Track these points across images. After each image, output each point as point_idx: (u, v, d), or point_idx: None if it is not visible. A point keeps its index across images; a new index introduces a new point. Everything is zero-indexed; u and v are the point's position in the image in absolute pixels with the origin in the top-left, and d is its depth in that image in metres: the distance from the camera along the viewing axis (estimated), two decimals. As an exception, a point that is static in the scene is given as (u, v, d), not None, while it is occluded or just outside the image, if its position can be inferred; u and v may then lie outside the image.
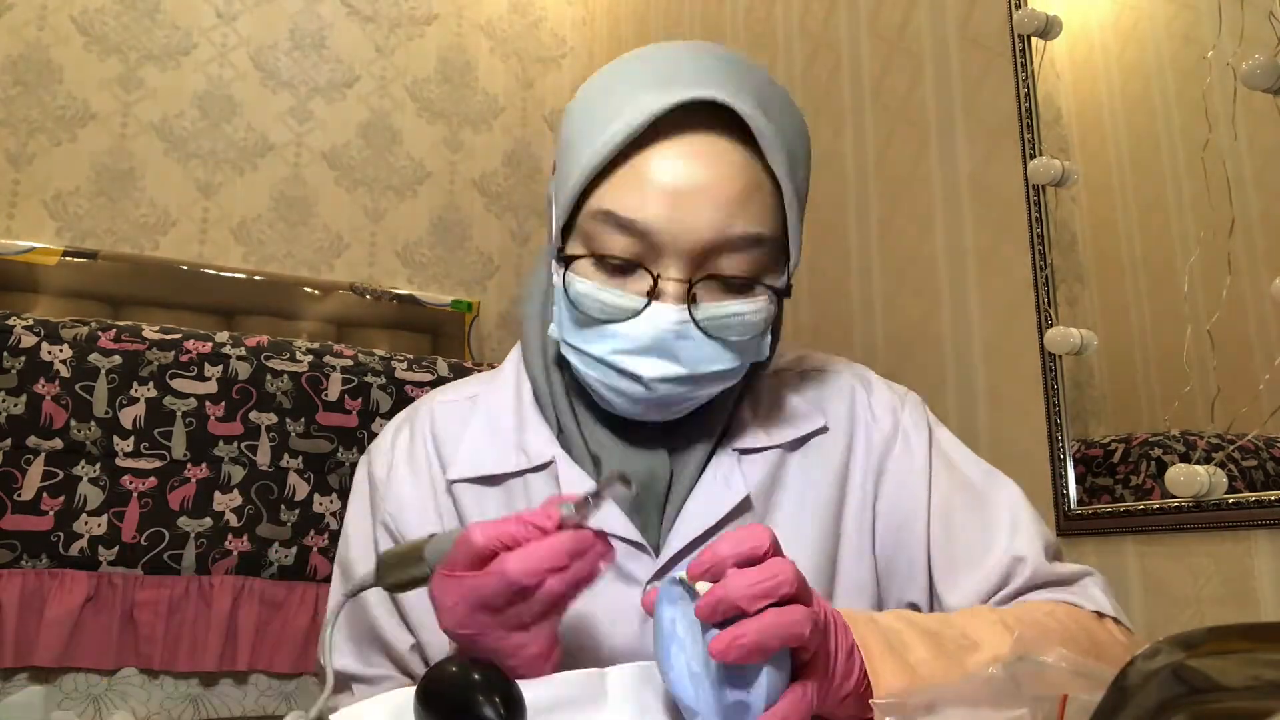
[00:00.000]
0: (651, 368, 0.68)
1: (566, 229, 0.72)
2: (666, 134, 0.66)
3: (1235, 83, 1.22)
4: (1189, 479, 1.22)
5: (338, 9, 3.00)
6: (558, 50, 3.33)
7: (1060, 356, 1.47)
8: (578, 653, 0.71)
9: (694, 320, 0.67)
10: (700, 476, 0.76)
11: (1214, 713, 0.33)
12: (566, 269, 0.70)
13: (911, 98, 1.81)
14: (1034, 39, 1.55)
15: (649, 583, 0.73)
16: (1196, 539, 1.27)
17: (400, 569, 0.63)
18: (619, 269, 0.68)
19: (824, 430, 0.81)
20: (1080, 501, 1.42)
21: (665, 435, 0.77)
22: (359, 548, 0.82)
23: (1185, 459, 1.27)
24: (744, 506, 0.76)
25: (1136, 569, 1.35)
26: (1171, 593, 1.30)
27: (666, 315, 0.67)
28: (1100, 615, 0.75)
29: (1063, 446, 1.45)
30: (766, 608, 0.52)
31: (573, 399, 0.79)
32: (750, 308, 0.69)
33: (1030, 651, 0.48)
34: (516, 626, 0.59)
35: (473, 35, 3.19)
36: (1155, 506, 1.31)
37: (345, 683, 0.80)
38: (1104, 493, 1.39)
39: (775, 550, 0.56)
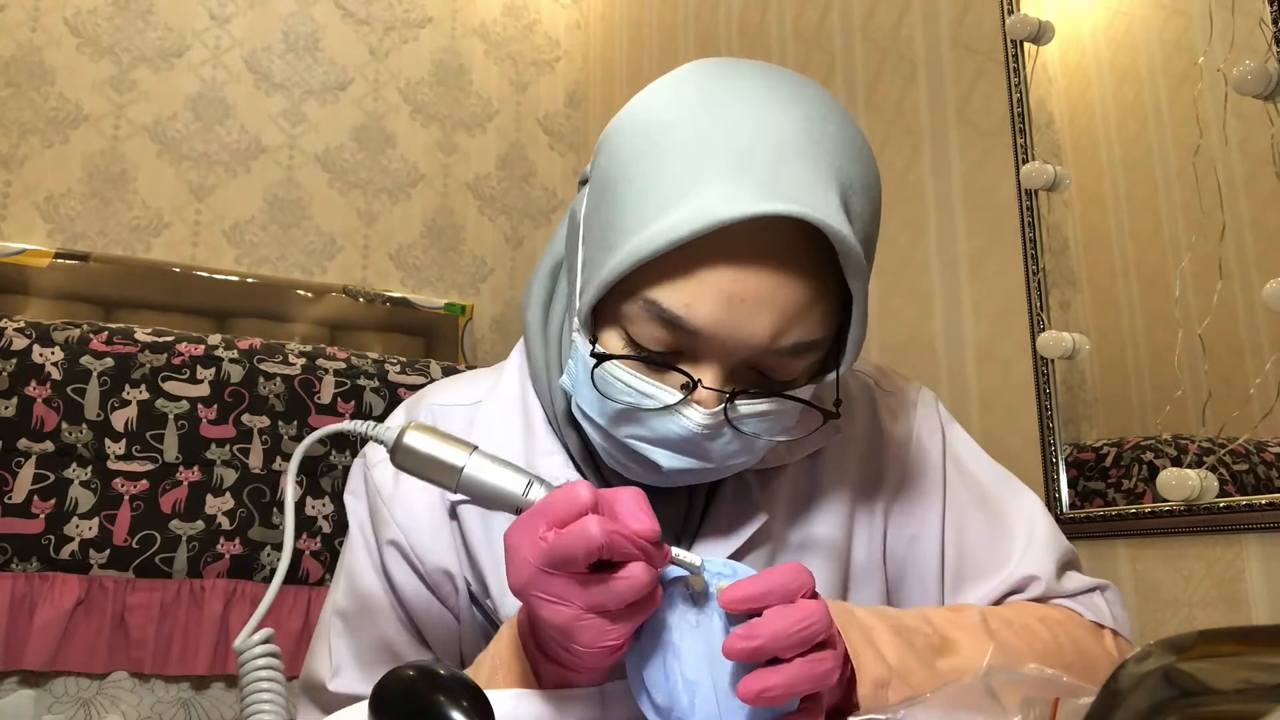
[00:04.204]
0: (672, 461, 0.63)
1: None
2: (729, 227, 0.56)
3: (1226, 88, 1.23)
4: (1180, 483, 1.22)
5: (331, 11, 3.00)
6: (552, 54, 3.33)
7: (1053, 360, 1.47)
8: None
9: (728, 420, 0.61)
10: (716, 501, 0.72)
11: (1205, 716, 0.33)
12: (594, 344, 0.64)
13: (904, 102, 1.81)
14: (1027, 44, 1.56)
15: None
16: (1188, 542, 1.28)
17: (427, 464, 0.58)
18: (654, 356, 0.62)
19: (840, 436, 0.77)
20: (1072, 505, 1.43)
21: None
22: (363, 562, 0.76)
23: (1177, 463, 1.28)
24: (763, 533, 0.72)
25: (1128, 572, 1.35)
26: (1162, 596, 1.30)
27: (699, 418, 0.60)
28: (1100, 626, 0.74)
29: (1055, 450, 1.46)
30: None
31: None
32: (788, 407, 0.63)
33: (1006, 664, 0.49)
34: (599, 609, 0.52)
35: (467, 38, 3.19)
36: (1147, 510, 1.31)
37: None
38: (1096, 496, 1.40)
39: (811, 593, 0.56)
